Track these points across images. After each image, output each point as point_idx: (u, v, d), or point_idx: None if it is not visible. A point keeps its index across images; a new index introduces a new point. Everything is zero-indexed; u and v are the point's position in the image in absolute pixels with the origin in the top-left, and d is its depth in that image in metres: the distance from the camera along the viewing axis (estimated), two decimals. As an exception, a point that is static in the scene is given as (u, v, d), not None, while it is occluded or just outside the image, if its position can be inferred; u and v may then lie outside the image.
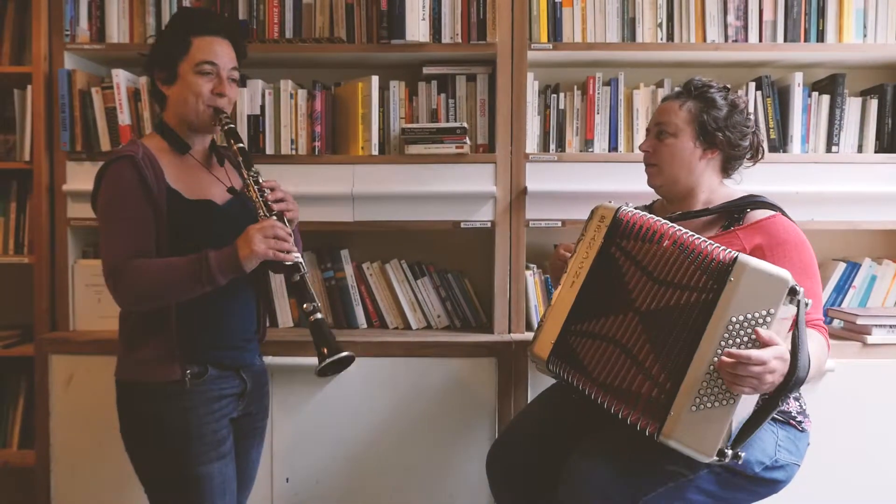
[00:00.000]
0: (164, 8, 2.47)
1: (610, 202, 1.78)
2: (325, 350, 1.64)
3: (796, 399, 1.80)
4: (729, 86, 1.92)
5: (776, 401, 1.52)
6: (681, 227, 1.64)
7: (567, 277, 1.75)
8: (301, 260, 1.72)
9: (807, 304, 1.55)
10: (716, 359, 1.50)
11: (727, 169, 1.90)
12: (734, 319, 1.50)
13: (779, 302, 1.49)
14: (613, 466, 1.66)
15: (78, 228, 2.48)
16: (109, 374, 2.30)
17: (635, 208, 1.98)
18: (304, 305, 1.69)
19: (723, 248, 1.57)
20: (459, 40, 2.43)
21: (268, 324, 2.05)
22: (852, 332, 2.36)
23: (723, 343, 1.50)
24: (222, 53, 1.79)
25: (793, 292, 1.49)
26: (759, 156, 1.94)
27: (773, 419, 1.72)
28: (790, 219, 1.78)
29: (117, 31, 2.47)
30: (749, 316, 1.50)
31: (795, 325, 1.53)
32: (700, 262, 1.57)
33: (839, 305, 2.53)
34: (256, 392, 1.89)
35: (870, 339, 2.30)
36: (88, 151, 2.43)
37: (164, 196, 1.71)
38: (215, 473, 1.73)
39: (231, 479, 1.77)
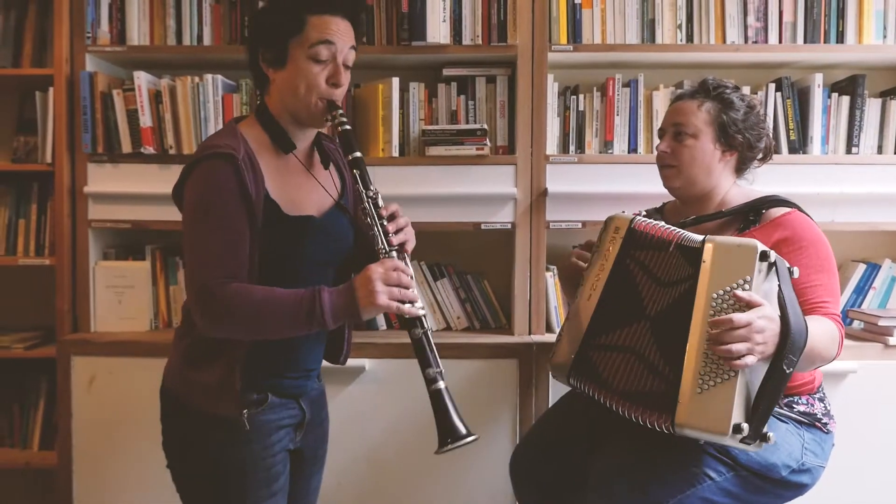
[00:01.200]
0: (184, 10, 2.47)
1: (623, 212, 1.79)
2: (450, 439, 1.43)
3: (821, 401, 1.80)
4: (738, 86, 1.91)
5: (779, 365, 1.48)
6: (685, 232, 1.65)
7: (584, 290, 1.75)
8: (423, 313, 1.49)
9: (792, 272, 1.55)
10: (706, 338, 1.51)
11: (741, 169, 1.89)
12: (715, 296, 1.53)
13: (752, 267, 1.51)
14: (639, 471, 1.66)
15: (99, 230, 2.49)
16: (131, 377, 2.33)
17: (646, 211, 2.01)
18: (427, 371, 1.47)
19: (695, 235, 1.61)
20: (480, 42, 2.43)
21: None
22: (874, 333, 2.36)
23: (709, 321, 1.52)
24: (342, 34, 1.53)
25: (764, 256, 1.51)
26: (769, 156, 1.93)
27: (799, 422, 1.72)
28: (807, 215, 1.78)
29: (138, 33, 2.47)
30: (728, 289, 1.52)
31: (779, 288, 1.52)
32: (685, 253, 1.61)
33: (859, 307, 2.53)
34: (315, 419, 1.71)
35: (892, 341, 2.30)
36: (110, 153, 2.44)
37: (261, 206, 1.49)
38: None
39: None
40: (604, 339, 1.68)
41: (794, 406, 1.75)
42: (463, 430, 1.43)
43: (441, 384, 1.46)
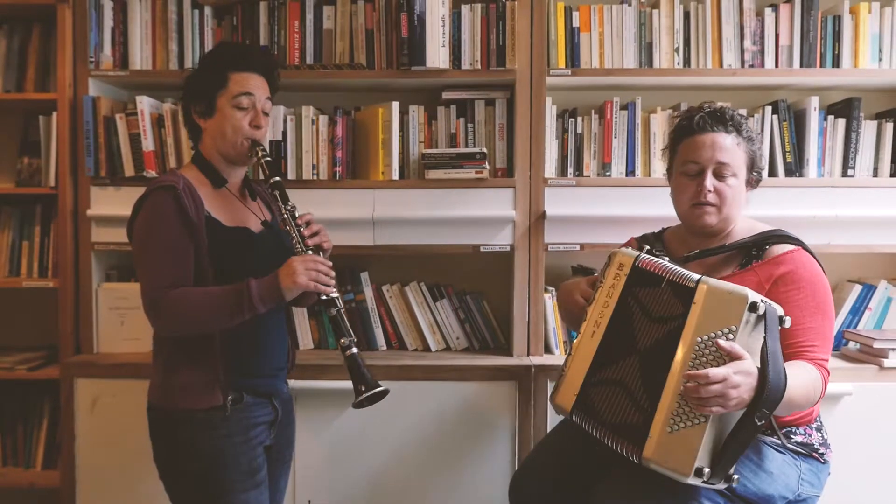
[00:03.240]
0: (186, 34, 2.50)
1: (628, 248, 1.79)
2: (363, 387, 1.71)
3: (818, 430, 1.80)
4: (744, 111, 1.93)
5: (751, 417, 1.49)
6: (682, 270, 1.65)
7: (587, 327, 1.76)
8: (337, 294, 1.78)
9: (783, 321, 1.55)
10: (684, 380, 1.52)
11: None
12: (699, 340, 1.53)
13: (740, 318, 1.51)
14: (636, 500, 1.67)
15: (101, 252, 2.52)
16: (134, 398, 2.34)
17: (644, 236, 2.01)
18: (342, 340, 1.74)
19: (691, 274, 1.61)
20: (479, 66, 2.46)
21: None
22: (869, 355, 2.38)
23: (690, 364, 1.53)
24: (258, 87, 1.84)
25: (753, 307, 1.50)
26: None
27: (796, 453, 1.73)
28: (811, 253, 1.77)
29: (140, 57, 2.50)
30: (713, 335, 1.52)
31: (764, 340, 1.52)
32: (676, 291, 1.61)
33: (855, 327, 2.55)
34: (285, 420, 1.92)
35: (887, 363, 2.32)
36: (112, 177, 2.46)
37: (203, 224, 1.74)
38: (251, 502, 1.75)
39: None
40: (602, 374, 1.70)
41: (792, 437, 1.75)
42: (373, 383, 1.72)
43: (354, 350, 1.75)
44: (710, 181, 1.78)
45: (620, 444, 1.61)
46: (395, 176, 2.47)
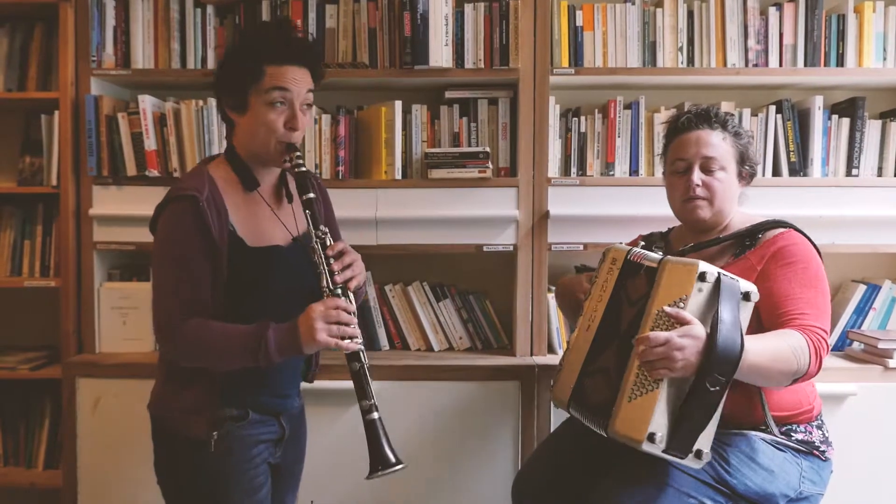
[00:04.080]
0: (188, 33, 2.49)
1: (621, 243, 1.85)
2: (380, 465, 1.58)
3: (819, 428, 1.80)
4: (745, 111, 1.95)
5: (702, 382, 1.50)
6: (653, 254, 1.73)
7: (583, 320, 1.81)
8: (362, 348, 1.60)
9: (749, 296, 1.56)
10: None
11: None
12: (656, 312, 1.59)
13: (690, 286, 1.55)
14: (636, 498, 1.67)
15: (103, 252, 2.51)
16: (136, 398, 2.31)
17: (651, 233, 2.03)
18: (362, 402, 1.59)
19: (658, 255, 1.69)
20: (482, 65, 2.45)
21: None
22: (874, 355, 2.37)
23: (634, 339, 1.57)
24: (298, 80, 1.63)
25: (702, 277, 1.55)
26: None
27: (797, 450, 1.73)
28: (803, 234, 1.79)
29: (142, 56, 2.49)
30: (670, 306, 1.57)
31: (717, 308, 1.53)
32: (648, 274, 1.68)
33: (859, 328, 2.54)
34: (293, 436, 1.79)
35: (891, 363, 2.31)
36: (115, 176, 2.46)
37: (225, 241, 1.59)
38: None
39: None
40: (594, 364, 1.75)
41: (792, 434, 1.75)
42: (392, 459, 1.58)
43: (375, 415, 1.59)
44: (697, 175, 1.83)
45: (594, 422, 1.68)
46: (398, 175, 2.46)
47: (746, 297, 1.57)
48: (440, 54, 2.41)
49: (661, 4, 2.47)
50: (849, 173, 2.51)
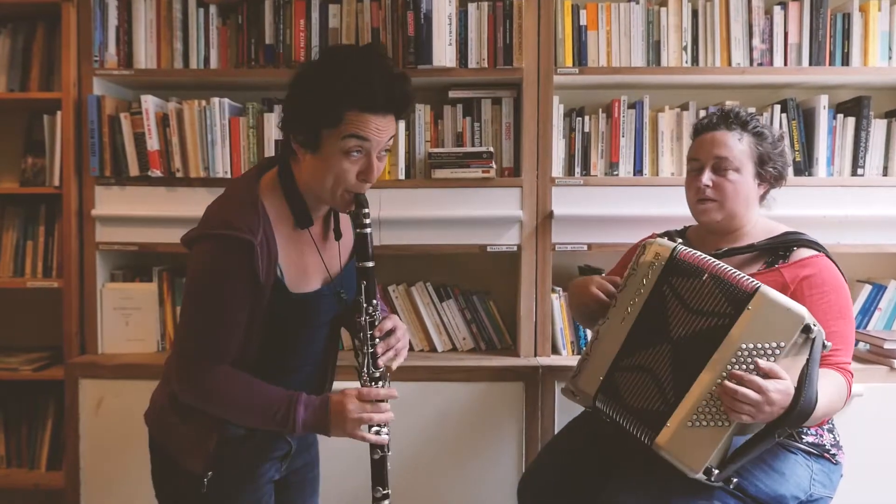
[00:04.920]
0: (191, 33, 2.48)
1: (665, 239, 1.79)
2: None
3: (830, 431, 1.80)
4: (754, 110, 1.92)
5: (773, 432, 1.53)
6: (721, 262, 1.66)
7: (617, 312, 1.76)
8: (387, 440, 1.54)
9: (826, 346, 1.55)
10: (719, 381, 1.53)
11: (764, 197, 1.89)
12: (744, 346, 1.53)
13: (791, 337, 1.50)
14: (649, 500, 1.66)
15: (106, 252, 2.51)
16: (139, 399, 2.28)
17: (667, 231, 2.00)
18: (376, 491, 1.56)
19: (749, 278, 1.59)
20: (486, 65, 2.44)
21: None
22: (879, 356, 2.36)
23: (729, 367, 1.53)
24: (381, 129, 1.44)
25: (807, 330, 1.50)
26: (784, 180, 1.92)
27: (808, 453, 1.73)
28: (833, 261, 1.78)
29: (145, 56, 2.48)
30: (759, 345, 1.52)
31: (807, 363, 1.52)
32: (725, 289, 1.59)
33: (865, 328, 2.53)
34: (301, 447, 1.72)
35: (897, 364, 2.30)
36: (117, 177, 2.45)
37: (270, 286, 1.47)
38: None
39: None
40: (630, 360, 1.72)
41: (803, 437, 1.75)
42: None
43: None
44: (706, 176, 1.81)
45: (634, 425, 1.65)
46: (402, 175, 2.46)
47: (825, 348, 1.56)
48: (444, 54, 2.40)
49: (666, 3, 2.46)
50: (854, 173, 2.50)
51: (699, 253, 1.70)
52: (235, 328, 1.46)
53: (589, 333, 2.47)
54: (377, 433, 1.52)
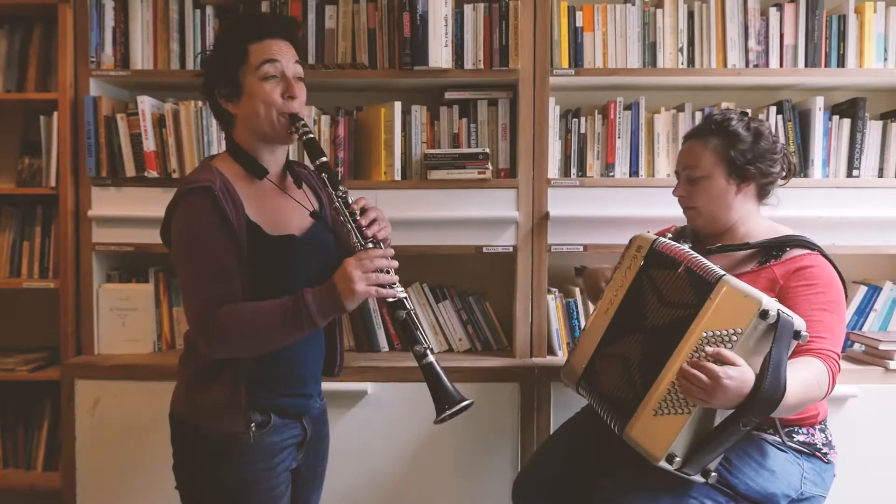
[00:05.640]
0: (187, 34, 2.48)
1: (648, 232, 1.85)
2: (446, 405, 1.52)
3: (822, 431, 1.80)
4: (749, 111, 1.91)
5: (737, 420, 1.51)
6: (700, 257, 1.69)
7: (602, 304, 1.86)
8: (405, 295, 1.58)
9: (801, 337, 1.54)
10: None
11: (762, 195, 1.88)
12: (704, 335, 1.56)
13: (749, 321, 1.52)
14: (638, 498, 1.67)
15: (102, 253, 2.51)
16: (135, 400, 2.35)
17: (683, 227, 2.01)
18: (416, 347, 1.54)
19: (717, 269, 1.63)
20: (482, 66, 2.44)
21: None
22: (874, 357, 2.36)
23: (692, 356, 1.57)
24: (283, 51, 1.62)
25: (764, 315, 1.51)
26: (792, 175, 1.93)
27: (799, 451, 1.74)
28: (828, 259, 1.78)
29: (141, 56, 2.49)
30: (719, 332, 1.55)
31: (770, 350, 1.51)
32: (694, 281, 1.64)
33: (860, 329, 2.53)
34: (315, 437, 1.76)
35: (892, 365, 2.31)
36: (114, 177, 2.45)
37: (244, 231, 1.56)
38: None
39: None
40: (609, 348, 1.80)
41: (794, 436, 1.76)
42: (457, 397, 1.53)
43: (431, 358, 1.55)
44: (679, 188, 1.91)
45: (609, 415, 1.70)
46: (398, 176, 2.46)
47: (797, 335, 1.54)
48: (440, 55, 2.40)
49: (662, 5, 2.47)
50: (849, 174, 2.50)
51: (678, 245, 1.76)
52: (226, 271, 1.53)
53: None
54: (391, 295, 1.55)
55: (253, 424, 1.58)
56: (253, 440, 1.59)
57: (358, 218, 1.58)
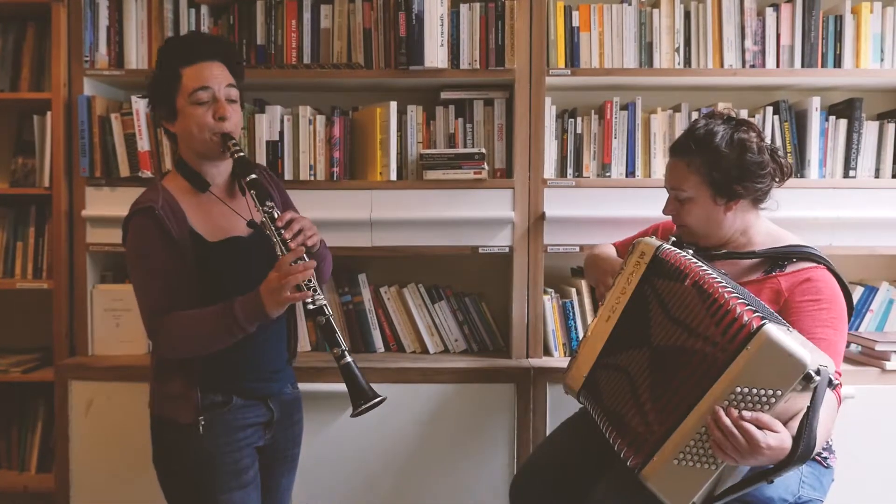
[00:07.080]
0: (182, 32, 2.47)
1: (652, 238, 1.78)
2: (361, 400, 1.64)
3: (823, 435, 1.79)
4: (734, 115, 1.83)
5: (766, 477, 1.48)
6: (708, 269, 1.60)
7: (604, 310, 1.79)
8: (324, 302, 1.67)
9: (832, 384, 1.45)
10: (710, 420, 1.46)
11: (757, 202, 1.83)
12: (739, 389, 1.44)
13: (789, 385, 1.41)
14: (638, 501, 1.66)
15: (96, 254, 2.49)
16: (129, 401, 2.34)
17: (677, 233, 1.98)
18: (334, 350, 1.66)
19: (749, 308, 1.48)
20: (477, 66, 2.44)
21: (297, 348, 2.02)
22: (871, 357, 2.36)
23: (721, 405, 1.45)
24: (214, 76, 1.72)
25: (807, 378, 1.40)
26: (787, 176, 1.85)
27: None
28: (835, 273, 1.75)
29: (136, 56, 2.48)
30: (755, 391, 1.43)
31: (809, 409, 1.44)
32: (720, 316, 1.49)
33: (856, 330, 2.53)
34: (285, 420, 1.87)
35: (889, 365, 2.30)
36: (107, 177, 2.44)
37: (187, 241, 1.70)
38: (236, 502, 1.74)
39: None
40: (611, 358, 1.74)
41: (792, 439, 1.74)
42: (371, 393, 1.65)
43: (348, 358, 1.66)
44: (669, 207, 1.86)
45: (619, 443, 1.62)
46: (393, 177, 2.45)
47: (830, 384, 1.44)
48: (435, 55, 2.39)
49: (658, 5, 2.46)
50: (846, 175, 2.50)
51: (683, 254, 1.67)
52: (170, 283, 1.68)
53: (581, 333, 2.48)
54: (311, 301, 1.65)
55: (202, 418, 1.71)
56: (204, 426, 1.71)
57: (283, 232, 1.67)
